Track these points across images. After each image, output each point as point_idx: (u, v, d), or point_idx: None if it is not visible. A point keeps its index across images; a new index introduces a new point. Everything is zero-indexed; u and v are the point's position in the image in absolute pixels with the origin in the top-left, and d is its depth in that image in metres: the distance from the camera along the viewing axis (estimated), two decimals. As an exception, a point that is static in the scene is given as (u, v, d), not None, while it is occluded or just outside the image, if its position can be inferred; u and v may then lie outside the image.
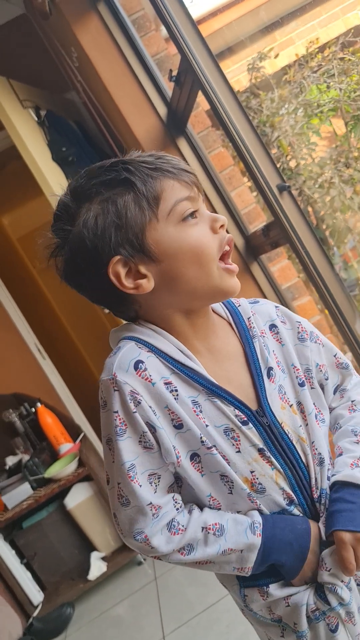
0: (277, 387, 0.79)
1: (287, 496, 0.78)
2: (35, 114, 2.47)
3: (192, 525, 0.74)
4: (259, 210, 2.24)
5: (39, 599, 2.55)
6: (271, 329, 0.84)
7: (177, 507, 0.76)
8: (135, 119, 2.10)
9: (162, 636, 2.00)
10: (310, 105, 2.83)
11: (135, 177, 0.72)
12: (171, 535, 0.74)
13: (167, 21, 1.60)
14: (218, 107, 1.62)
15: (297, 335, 0.85)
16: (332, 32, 3.29)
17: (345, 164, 2.90)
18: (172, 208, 0.72)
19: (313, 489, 0.79)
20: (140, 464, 0.73)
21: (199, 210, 0.76)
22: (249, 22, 3.10)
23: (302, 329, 0.85)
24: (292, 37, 3.29)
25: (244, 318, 0.83)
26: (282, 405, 0.79)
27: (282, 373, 0.81)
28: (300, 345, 0.84)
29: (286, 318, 0.86)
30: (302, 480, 0.78)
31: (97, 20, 2.03)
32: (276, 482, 0.77)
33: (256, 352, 0.79)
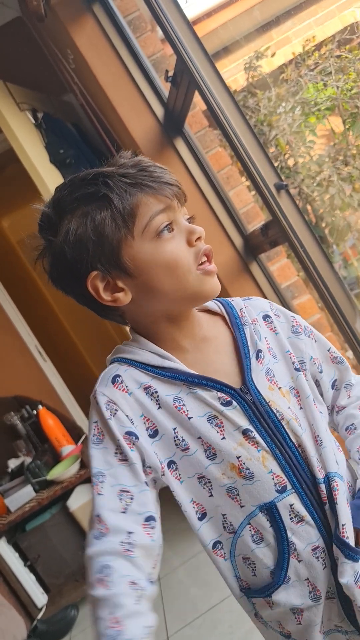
0: (265, 369, 0.79)
1: (278, 480, 0.75)
2: (32, 116, 2.47)
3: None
4: (257, 210, 2.24)
5: (43, 601, 2.55)
6: (265, 319, 0.85)
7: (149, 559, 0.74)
8: (132, 120, 2.10)
9: (166, 637, 2.00)
10: (307, 104, 2.83)
11: (113, 194, 0.73)
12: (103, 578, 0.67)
13: (163, 22, 1.60)
14: (215, 107, 1.62)
15: (291, 328, 0.86)
16: (329, 30, 3.28)
17: (344, 161, 2.90)
18: (147, 224, 0.73)
19: (317, 469, 0.76)
20: (113, 476, 0.72)
21: (177, 221, 0.76)
22: (245, 22, 3.10)
23: (297, 322, 0.87)
24: (289, 36, 3.28)
25: (237, 309, 0.85)
26: (269, 386, 0.78)
27: (273, 358, 0.81)
28: (295, 338, 0.85)
29: (280, 312, 0.88)
30: (293, 461, 0.76)
31: (93, 22, 2.03)
32: (264, 464, 0.74)
33: (246, 337, 0.81)
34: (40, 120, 2.48)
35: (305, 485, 0.76)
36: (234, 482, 0.75)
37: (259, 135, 1.75)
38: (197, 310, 0.84)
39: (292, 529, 0.75)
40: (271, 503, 0.75)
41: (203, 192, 2.15)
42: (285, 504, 0.75)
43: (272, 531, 0.75)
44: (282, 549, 0.75)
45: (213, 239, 2.17)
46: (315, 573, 0.76)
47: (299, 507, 0.75)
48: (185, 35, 1.60)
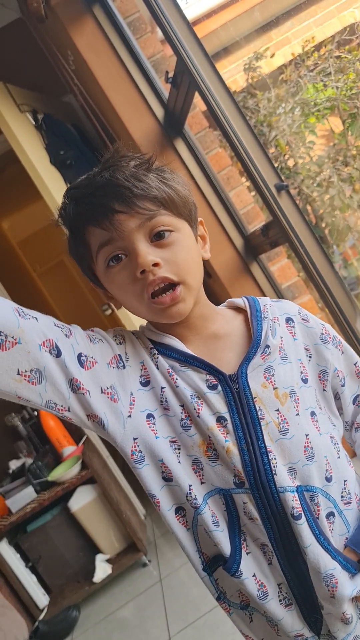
0: (267, 365, 0.77)
1: (237, 475, 0.73)
2: (32, 117, 2.48)
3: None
4: (257, 210, 2.24)
5: (44, 602, 2.55)
6: (287, 321, 0.83)
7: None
8: (133, 121, 2.10)
9: (168, 637, 2.00)
10: (307, 104, 2.83)
11: (66, 224, 0.77)
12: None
13: (163, 23, 1.60)
14: (215, 108, 1.62)
15: (320, 335, 0.84)
16: (328, 30, 3.29)
17: (344, 162, 2.90)
18: (96, 255, 0.74)
19: (288, 477, 0.74)
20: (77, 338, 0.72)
21: (128, 249, 0.72)
22: (245, 22, 3.10)
23: (326, 331, 0.85)
24: (288, 36, 3.29)
25: (261, 305, 0.84)
26: (263, 383, 0.76)
27: (282, 359, 0.79)
28: (322, 346, 0.84)
29: (310, 318, 0.86)
30: (256, 463, 0.73)
31: (93, 23, 2.03)
32: (228, 455, 0.73)
33: (261, 330, 0.79)
34: (41, 121, 2.48)
35: (262, 491, 0.73)
36: (200, 457, 0.75)
37: (258, 136, 1.75)
38: (217, 307, 0.86)
39: (244, 522, 0.75)
40: (227, 491, 0.74)
41: (203, 193, 2.15)
42: (239, 499, 0.74)
43: (227, 517, 0.75)
44: (234, 537, 0.75)
45: (213, 240, 2.18)
46: (262, 568, 0.76)
47: (251, 508, 0.74)
48: (185, 36, 1.60)
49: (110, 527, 2.62)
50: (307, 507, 0.74)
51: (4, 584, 2.44)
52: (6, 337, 0.61)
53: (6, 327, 0.61)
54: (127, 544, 2.64)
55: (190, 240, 0.77)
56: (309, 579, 0.75)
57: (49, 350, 0.65)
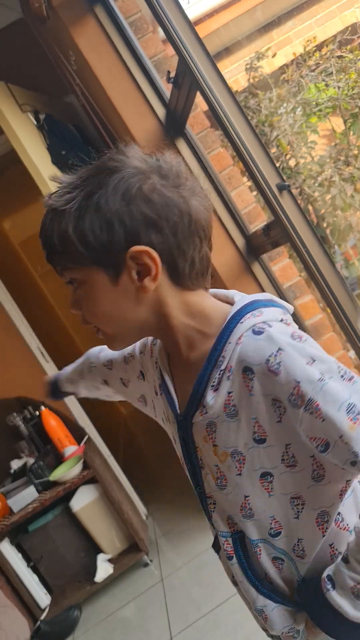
0: (207, 421, 0.70)
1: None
2: (34, 117, 2.48)
3: None
4: (259, 210, 2.24)
5: (45, 602, 2.55)
6: (244, 371, 0.66)
7: None
8: (134, 121, 2.10)
9: (169, 637, 2.00)
10: (308, 104, 2.83)
11: None
12: None
13: (164, 23, 1.60)
14: (216, 108, 1.62)
15: (288, 396, 0.64)
16: (330, 30, 3.29)
17: (345, 162, 2.90)
18: None
19: (226, 522, 0.75)
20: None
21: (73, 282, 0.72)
22: (246, 22, 3.10)
23: (298, 392, 0.63)
24: (290, 36, 3.29)
25: (227, 339, 0.68)
26: (205, 437, 0.71)
27: (227, 417, 0.68)
28: (290, 408, 0.64)
29: (282, 371, 0.63)
30: (201, 500, 0.78)
31: (95, 23, 2.03)
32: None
33: (203, 386, 0.69)
34: (42, 121, 2.48)
35: (209, 523, 0.79)
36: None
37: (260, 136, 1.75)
38: (212, 312, 0.72)
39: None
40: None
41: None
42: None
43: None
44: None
45: (215, 240, 2.17)
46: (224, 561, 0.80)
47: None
48: (187, 36, 1.60)
49: (112, 527, 2.62)
50: (241, 550, 0.74)
51: (5, 584, 2.44)
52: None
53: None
54: (128, 544, 2.64)
55: (99, 289, 0.69)
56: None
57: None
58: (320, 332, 2.26)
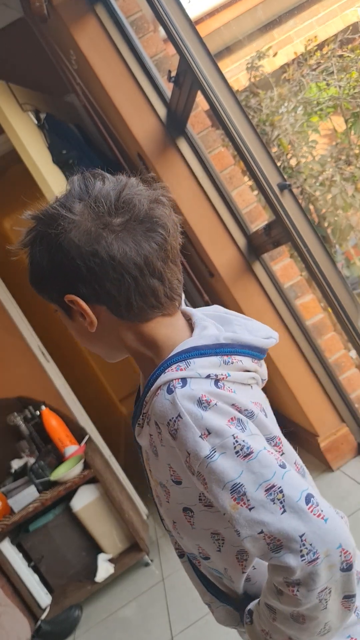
0: (144, 447, 0.76)
1: None
2: (35, 117, 2.48)
3: None
4: (260, 209, 2.24)
5: (46, 601, 2.55)
6: (155, 424, 0.68)
7: None
8: (135, 120, 2.10)
9: (170, 637, 2.00)
10: (309, 103, 2.83)
11: None
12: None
13: (165, 22, 1.60)
14: (217, 107, 1.62)
15: (184, 461, 0.65)
16: (331, 29, 3.28)
17: (346, 161, 2.89)
18: None
19: (164, 520, 0.79)
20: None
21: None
22: (247, 21, 3.10)
23: (188, 462, 0.64)
24: (291, 36, 3.28)
25: (151, 386, 0.69)
26: (146, 459, 0.77)
27: (153, 453, 0.72)
28: (187, 471, 0.66)
29: (178, 437, 0.64)
30: (153, 497, 0.79)
31: (95, 23, 2.03)
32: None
33: (137, 417, 0.73)
34: (43, 121, 2.48)
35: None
36: None
37: (261, 135, 1.75)
38: (173, 336, 0.73)
39: None
40: None
41: (206, 192, 2.15)
42: None
43: None
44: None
45: (216, 239, 2.18)
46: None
47: None
48: (187, 35, 1.60)
49: (113, 527, 2.62)
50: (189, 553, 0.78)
51: (6, 584, 2.44)
52: None
53: None
54: (129, 544, 2.64)
55: (64, 319, 0.76)
56: None
57: None
58: (321, 332, 2.26)
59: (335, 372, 2.23)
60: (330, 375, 2.23)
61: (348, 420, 2.26)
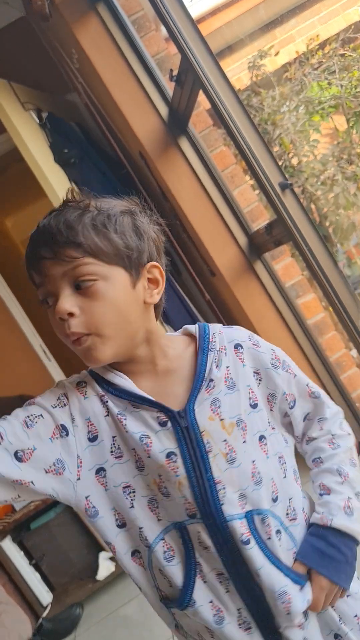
0: (212, 398, 0.79)
1: (188, 507, 0.77)
2: (36, 116, 2.48)
3: None
4: (261, 209, 2.24)
5: (48, 599, 2.55)
6: (236, 347, 0.85)
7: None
8: (137, 120, 2.10)
9: (171, 635, 2.00)
10: (311, 103, 2.83)
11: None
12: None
13: (167, 21, 1.60)
14: (219, 106, 1.62)
15: (270, 360, 0.86)
16: (333, 28, 3.28)
17: (348, 160, 2.89)
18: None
19: (237, 504, 0.77)
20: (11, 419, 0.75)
21: (55, 294, 0.74)
22: (249, 20, 3.10)
23: (276, 356, 0.87)
24: (292, 35, 3.28)
25: (210, 334, 0.85)
26: (210, 416, 0.78)
27: (228, 389, 0.81)
28: (272, 370, 0.86)
29: (261, 343, 0.88)
30: (205, 495, 0.76)
31: (97, 21, 2.03)
32: (179, 489, 0.76)
33: (206, 363, 0.81)
34: (45, 120, 2.48)
35: (212, 521, 0.76)
36: (155, 495, 0.78)
37: (262, 135, 1.75)
38: (172, 335, 0.87)
39: (200, 551, 0.78)
40: (182, 524, 0.78)
41: (207, 191, 2.15)
42: (194, 529, 0.77)
43: (182, 549, 0.78)
44: (189, 568, 0.78)
45: (217, 238, 2.18)
46: (218, 596, 0.78)
47: (205, 537, 0.77)
48: (189, 34, 1.60)
49: (114, 525, 2.63)
50: (256, 531, 0.77)
51: (7, 582, 2.45)
52: None
53: None
54: (130, 542, 2.64)
55: (118, 289, 0.75)
56: (265, 601, 0.78)
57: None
58: (322, 331, 2.26)
59: (336, 371, 2.23)
60: (332, 375, 2.23)
61: (349, 419, 2.26)
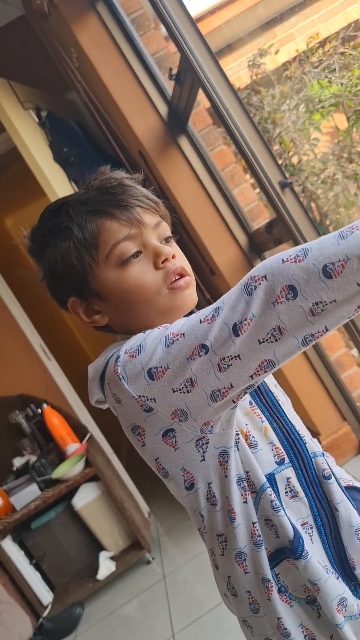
0: None
1: (276, 452, 0.76)
2: (36, 115, 2.48)
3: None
4: (261, 208, 2.23)
5: (48, 599, 2.55)
6: None
7: None
8: (136, 118, 2.10)
9: (171, 634, 2.00)
10: (311, 101, 2.82)
11: (73, 224, 0.75)
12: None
13: (166, 20, 1.60)
14: (218, 105, 1.62)
15: None
16: (333, 26, 3.27)
17: (348, 159, 2.89)
18: (110, 252, 0.74)
19: (309, 447, 0.78)
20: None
21: (145, 245, 0.75)
22: (249, 19, 3.09)
23: None
24: (292, 33, 3.27)
25: None
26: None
27: None
28: None
29: None
30: (290, 435, 0.78)
31: (96, 20, 2.03)
32: (266, 435, 0.77)
33: None
34: (44, 119, 2.48)
35: (301, 461, 0.77)
36: (245, 448, 0.75)
37: (262, 133, 1.74)
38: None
39: (287, 503, 0.76)
40: (271, 474, 0.76)
41: (207, 190, 2.15)
42: (283, 476, 0.76)
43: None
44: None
45: (217, 237, 2.17)
46: (308, 546, 0.77)
47: (294, 482, 0.76)
48: (189, 33, 1.60)
49: (114, 525, 2.63)
50: (331, 468, 0.79)
51: (8, 581, 2.45)
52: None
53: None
54: (130, 542, 2.64)
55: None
56: (342, 544, 0.78)
57: None
58: (322, 330, 2.25)
59: (336, 371, 2.22)
60: (332, 374, 2.23)
61: (350, 418, 2.26)
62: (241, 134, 1.63)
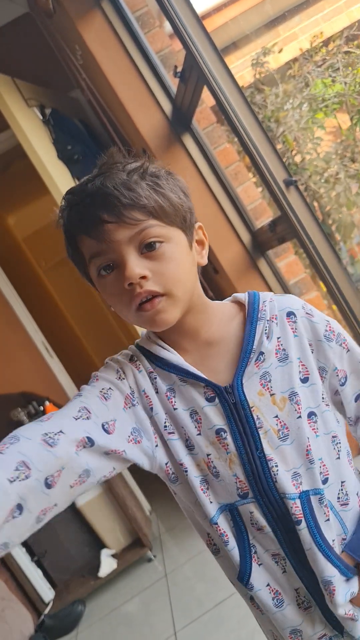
0: (262, 372, 0.76)
1: (240, 485, 0.75)
2: (40, 112, 2.48)
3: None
4: (265, 206, 2.23)
5: (50, 596, 2.56)
6: (288, 315, 0.79)
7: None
8: (140, 116, 2.10)
9: (173, 632, 2.00)
10: (315, 100, 2.82)
11: (63, 231, 0.76)
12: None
13: (172, 17, 1.59)
14: (223, 103, 1.62)
15: (324, 332, 0.79)
16: (336, 25, 3.27)
17: (351, 158, 2.89)
18: (89, 264, 0.74)
19: (291, 483, 0.74)
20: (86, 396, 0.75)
21: (120, 259, 0.71)
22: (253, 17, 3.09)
23: (330, 328, 0.80)
24: (296, 32, 3.27)
25: (260, 302, 0.80)
26: (260, 391, 0.75)
27: (279, 361, 0.77)
28: (325, 343, 0.79)
29: (315, 313, 0.81)
30: (257, 472, 0.74)
31: (101, 18, 2.03)
32: (230, 467, 0.75)
33: (255, 334, 0.77)
34: (48, 116, 2.48)
35: (266, 499, 0.75)
36: (206, 475, 0.76)
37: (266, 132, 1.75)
38: (219, 303, 0.83)
39: (253, 533, 0.76)
40: (233, 505, 0.76)
41: (211, 188, 2.15)
42: (245, 510, 0.76)
43: (235, 532, 0.77)
44: (244, 552, 0.77)
45: (221, 235, 2.17)
46: (275, 577, 0.77)
47: (258, 516, 0.75)
48: (194, 30, 1.60)
49: (116, 522, 2.63)
50: (310, 513, 0.75)
51: (9, 578, 2.45)
52: (53, 477, 0.61)
53: (47, 468, 0.61)
54: (132, 539, 2.64)
55: (181, 249, 0.74)
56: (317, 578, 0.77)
57: (83, 446, 0.66)
58: (325, 329, 2.26)
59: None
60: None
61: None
62: (246, 132, 1.63)
